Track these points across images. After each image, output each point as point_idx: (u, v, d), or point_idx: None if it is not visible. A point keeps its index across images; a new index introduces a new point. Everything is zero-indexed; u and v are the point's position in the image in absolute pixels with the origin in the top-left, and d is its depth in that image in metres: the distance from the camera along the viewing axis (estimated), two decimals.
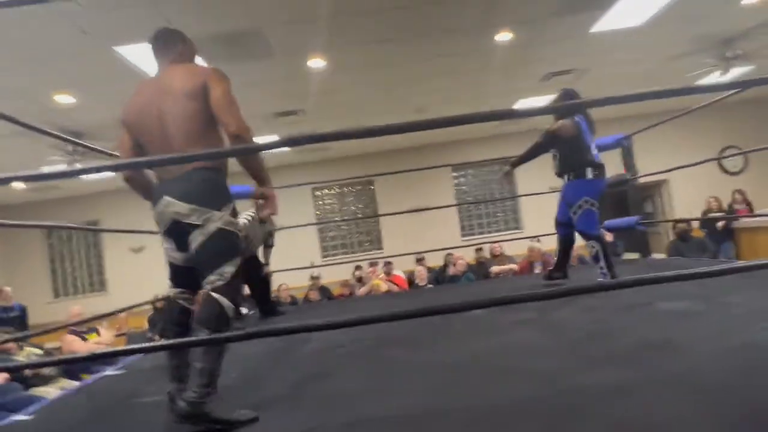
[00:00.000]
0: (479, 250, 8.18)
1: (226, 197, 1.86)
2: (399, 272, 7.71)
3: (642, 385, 1.57)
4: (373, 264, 7.02)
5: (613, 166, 4.49)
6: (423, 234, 9.32)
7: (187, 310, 1.91)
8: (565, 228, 3.67)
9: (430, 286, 6.92)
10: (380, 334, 2.79)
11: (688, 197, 9.65)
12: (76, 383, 3.77)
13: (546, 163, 4.38)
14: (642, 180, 5.41)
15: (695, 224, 8.28)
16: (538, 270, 6.91)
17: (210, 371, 1.69)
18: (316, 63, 4.86)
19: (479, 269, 7.67)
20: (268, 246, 4.70)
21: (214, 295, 1.74)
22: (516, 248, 7.88)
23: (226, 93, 1.81)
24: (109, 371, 3.00)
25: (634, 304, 2.81)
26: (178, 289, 1.93)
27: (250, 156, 1.91)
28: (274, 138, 4.52)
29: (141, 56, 4.18)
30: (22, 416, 2.16)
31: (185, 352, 1.83)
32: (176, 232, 1.84)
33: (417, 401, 1.74)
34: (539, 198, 8.52)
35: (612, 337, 2.24)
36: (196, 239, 1.79)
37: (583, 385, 1.66)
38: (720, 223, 8.19)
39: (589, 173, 3.44)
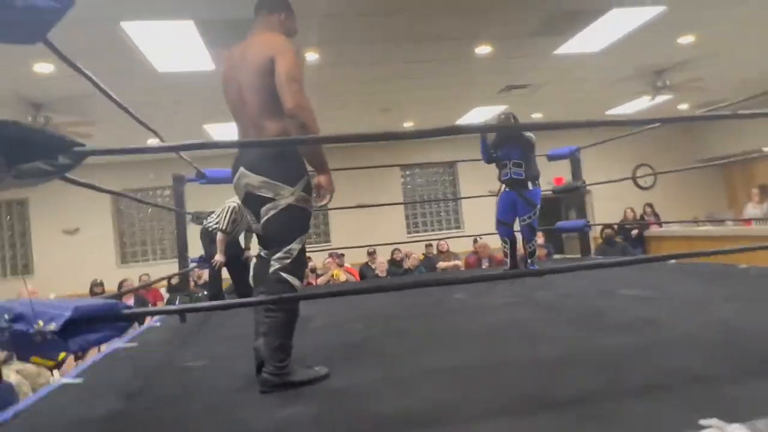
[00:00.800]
0: (429, 246, 8.66)
1: (300, 172, 1.83)
2: (348, 265, 8.01)
3: (652, 346, 1.99)
4: (332, 254, 7.22)
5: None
6: (370, 229, 9.64)
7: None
8: (508, 228, 4.18)
9: (388, 277, 7.27)
10: (384, 313, 3.11)
11: (606, 207, 10.76)
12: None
13: (485, 169, 4.88)
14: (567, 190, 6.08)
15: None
16: (485, 265, 7.50)
17: (283, 346, 1.75)
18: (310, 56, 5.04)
19: (428, 264, 8.13)
20: (252, 231, 4.80)
21: (284, 274, 1.76)
22: (457, 246, 8.47)
23: (288, 69, 1.75)
24: (120, 343, 3.03)
25: (602, 290, 3.33)
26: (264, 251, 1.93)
27: (306, 125, 1.77)
28: None
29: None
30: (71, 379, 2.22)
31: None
32: (252, 203, 1.86)
33: (469, 356, 2.06)
34: (478, 200, 9.28)
35: (603, 314, 2.68)
36: (267, 213, 1.79)
37: (605, 345, 2.05)
38: (634, 231, 9.32)
39: (540, 184, 4.09)
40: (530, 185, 4.01)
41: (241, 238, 4.78)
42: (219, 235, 4.39)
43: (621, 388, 1.56)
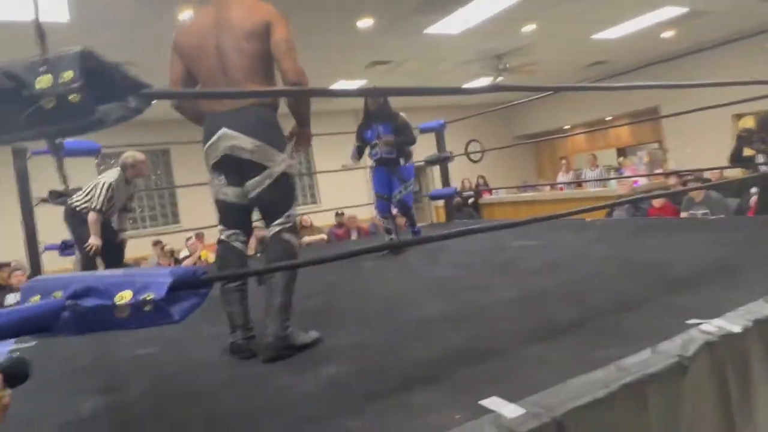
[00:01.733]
0: None
1: (284, 139, 1.85)
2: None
3: (577, 281, 2.41)
4: (198, 235, 6.73)
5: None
6: None
7: (243, 253, 1.88)
8: (386, 202, 4.06)
9: (259, 254, 7.04)
10: (324, 282, 3.13)
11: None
12: None
13: (339, 144, 5.03)
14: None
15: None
16: (354, 236, 7.75)
17: (287, 305, 1.75)
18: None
19: None
20: (128, 210, 4.28)
21: (286, 235, 1.79)
22: (316, 221, 8.57)
23: (287, 37, 1.77)
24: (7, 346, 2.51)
25: (498, 246, 3.79)
26: (231, 231, 1.87)
27: (303, 100, 1.90)
28: None
29: None
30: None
31: (246, 298, 1.82)
32: (228, 165, 1.79)
33: (433, 309, 2.24)
34: (333, 175, 9.48)
35: (515, 263, 3.09)
36: (261, 182, 1.76)
37: (540, 285, 2.42)
38: (471, 200, 10.49)
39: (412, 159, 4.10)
40: (402, 161, 3.97)
41: (114, 220, 4.23)
42: (92, 215, 3.83)
43: (584, 314, 1.87)
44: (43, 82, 0.92)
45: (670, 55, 6.43)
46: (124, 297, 1.02)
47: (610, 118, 10.91)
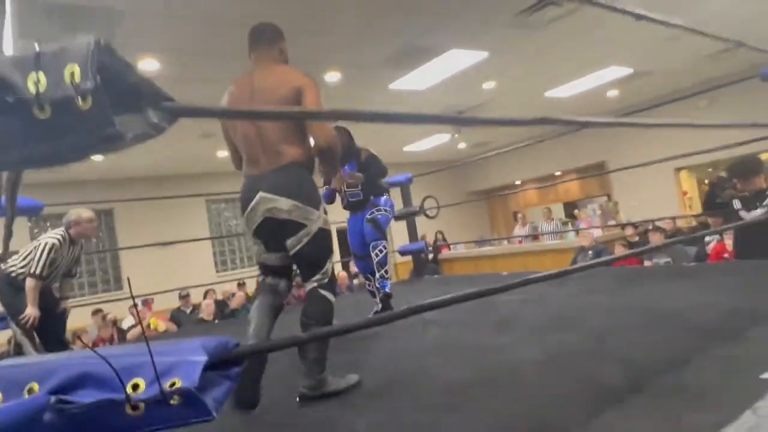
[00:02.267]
0: (242, 284, 8.08)
1: (318, 194, 1.92)
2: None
3: (598, 336, 2.23)
4: (147, 301, 6.13)
5: None
6: (173, 270, 8.56)
7: (282, 298, 2.00)
8: (365, 261, 3.42)
9: (217, 321, 6.48)
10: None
11: (402, 234, 11.74)
12: None
13: None
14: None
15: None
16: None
17: (322, 359, 1.80)
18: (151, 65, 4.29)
19: (249, 302, 7.58)
20: (72, 275, 3.79)
21: (322, 291, 1.85)
22: None
23: (317, 102, 1.84)
24: None
25: (487, 301, 3.60)
26: (270, 277, 1.98)
27: (334, 157, 1.97)
28: None
29: None
30: None
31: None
32: (268, 228, 1.86)
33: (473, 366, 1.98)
34: None
35: (516, 319, 2.90)
36: (300, 240, 1.83)
37: (560, 342, 2.22)
38: (431, 255, 10.37)
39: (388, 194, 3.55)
40: (372, 198, 3.33)
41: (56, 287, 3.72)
42: (30, 282, 3.34)
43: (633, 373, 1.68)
44: (40, 82, 0.66)
45: (614, 114, 6.83)
46: (139, 386, 0.72)
47: (559, 173, 11.32)
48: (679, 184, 9.22)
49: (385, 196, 3.43)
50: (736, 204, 3.53)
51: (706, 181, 9.85)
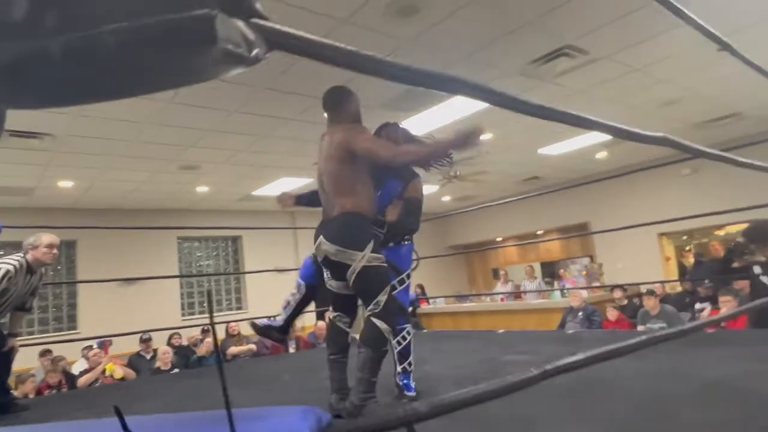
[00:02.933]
0: (206, 330, 7.49)
1: (366, 237, 2.14)
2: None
3: (651, 399, 1.93)
4: (105, 342, 5.52)
5: None
6: (135, 310, 7.92)
7: (344, 332, 2.30)
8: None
9: (177, 370, 5.86)
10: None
11: None
12: None
13: (271, 243, 4.08)
14: None
15: None
16: (292, 348, 6.83)
17: (367, 381, 2.01)
18: None
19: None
20: (26, 309, 3.30)
21: (373, 319, 2.04)
22: (244, 329, 7.56)
23: (367, 141, 2.16)
24: None
25: (486, 359, 3.27)
26: (336, 314, 2.31)
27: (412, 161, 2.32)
28: None
29: None
30: None
31: (344, 368, 2.24)
32: (328, 264, 2.22)
33: None
34: (263, 278, 8.67)
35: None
36: (349, 277, 2.11)
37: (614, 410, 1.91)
38: (410, 309, 9.97)
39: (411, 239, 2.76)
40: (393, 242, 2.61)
41: (5, 320, 3.22)
42: None
43: None
44: None
45: (599, 176, 6.83)
46: None
47: (542, 232, 11.26)
48: (663, 249, 9.22)
49: (408, 243, 2.58)
50: (756, 269, 3.39)
51: (688, 248, 9.93)
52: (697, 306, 6.54)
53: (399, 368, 2.51)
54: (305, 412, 0.60)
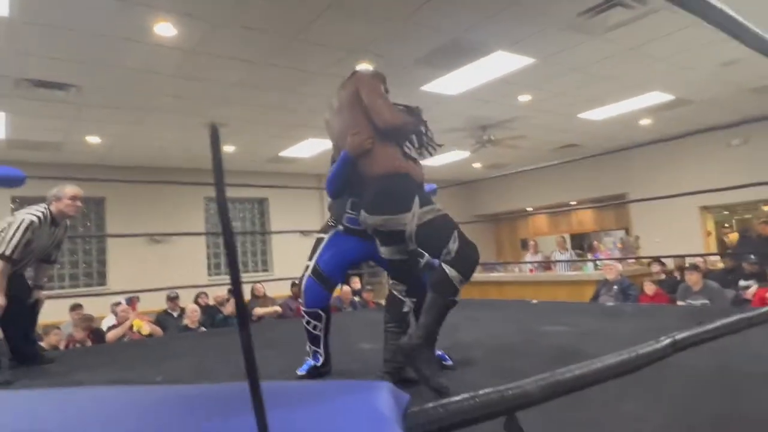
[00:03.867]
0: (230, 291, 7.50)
1: (409, 195, 1.95)
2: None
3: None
4: (132, 299, 5.52)
5: None
6: (163, 268, 7.95)
7: (400, 301, 2.09)
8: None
9: (203, 329, 5.86)
10: None
11: None
12: None
13: (296, 207, 3.68)
14: None
15: None
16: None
17: (428, 326, 1.84)
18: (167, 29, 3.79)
19: None
20: (50, 261, 3.22)
21: (444, 266, 1.87)
22: (268, 290, 7.51)
23: (370, 93, 2.00)
24: None
25: (530, 330, 3.08)
26: (392, 281, 2.15)
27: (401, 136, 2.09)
28: None
29: None
30: None
31: (398, 339, 1.95)
32: (382, 235, 2.05)
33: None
34: (289, 241, 8.60)
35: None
36: (409, 240, 1.96)
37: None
38: None
39: None
40: None
41: (30, 272, 3.16)
42: None
43: None
44: None
45: (639, 144, 6.40)
46: None
47: (574, 203, 10.87)
48: (704, 223, 8.78)
49: None
50: None
51: (727, 225, 9.46)
52: (742, 283, 6.21)
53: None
54: (380, 390, 0.42)
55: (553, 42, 4.50)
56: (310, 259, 2.35)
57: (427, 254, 2.13)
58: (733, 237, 9.13)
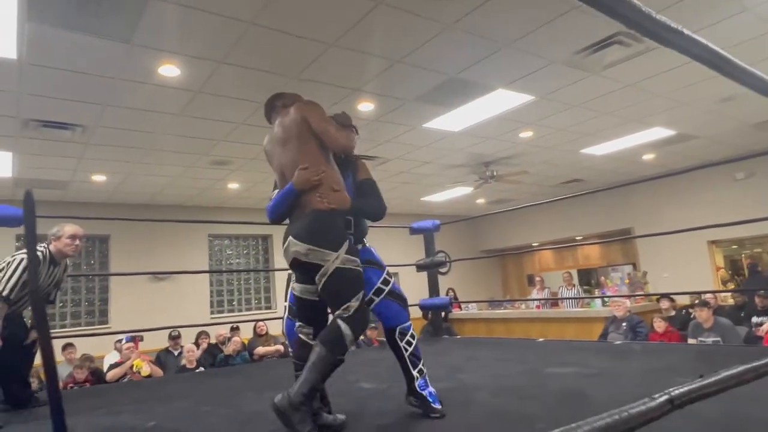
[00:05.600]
0: (235, 328, 7.40)
1: (341, 237, 1.94)
2: None
3: None
4: (135, 338, 5.45)
5: None
6: (165, 306, 7.90)
7: (308, 344, 1.95)
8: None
9: (202, 369, 5.76)
10: None
11: (416, 290, 11.08)
12: None
13: None
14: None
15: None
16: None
17: (313, 383, 1.77)
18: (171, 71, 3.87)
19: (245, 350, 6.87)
20: (48, 301, 3.19)
21: (338, 321, 1.84)
22: (272, 328, 7.40)
23: (320, 120, 1.98)
24: None
25: (536, 373, 2.99)
26: (299, 323, 2.05)
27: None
28: None
29: None
30: None
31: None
32: (296, 266, 2.00)
33: None
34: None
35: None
36: (320, 280, 1.89)
37: None
38: (443, 314, 9.68)
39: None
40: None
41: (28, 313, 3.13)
42: None
43: None
44: None
45: (644, 178, 6.41)
46: None
47: (580, 238, 10.79)
48: (713, 257, 8.65)
49: (368, 246, 2.35)
50: None
51: (740, 257, 9.31)
52: (755, 320, 6.06)
53: (415, 372, 2.11)
54: None
55: (553, 79, 4.55)
56: (286, 299, 2.33)
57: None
58: (722, 274, 8.99)
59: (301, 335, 2.01)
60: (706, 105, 5.51)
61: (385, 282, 2.21)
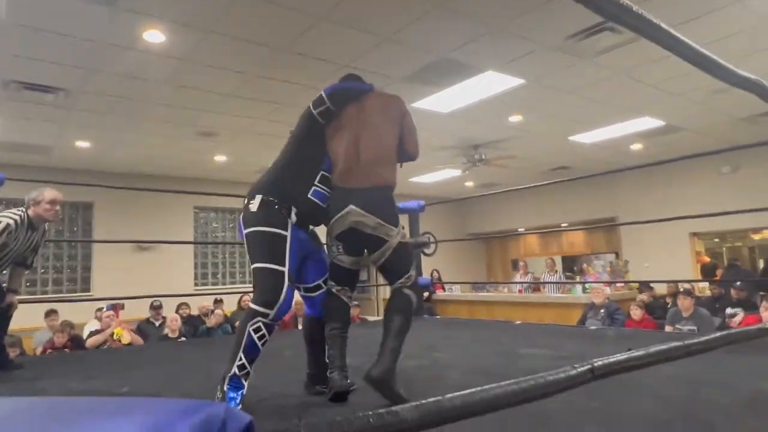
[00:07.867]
0: (218, 301, 7.41)
1: (397, 213, 2.09)
2: None
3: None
4: (116, 306, 5.44)
5: None
6: (148, 276, 7.87)
7: (348, 306, 2.12)
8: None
9: (184, 339, 5.78)
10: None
11: None
12: None
13: None
14: None
15: None
16: (301, 325, 6.70)
17: (397, 350, 1.90)
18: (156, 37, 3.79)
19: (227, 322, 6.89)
20: (26, 265, 3.17)
21: (405, 290, 2.01)
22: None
23: (412, 123, 2.17)
24: None
25: (510, 354, 3.04)
26: (342, 287, 2.12)
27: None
28: None
29: None
30: None
31: (345, 344, 2.03)
32: (350, 237, 2.02)
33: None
34: None
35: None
36: (384, 253, 2.01)
37: None
38: (425, 294, 9.76)
39: None
40: None
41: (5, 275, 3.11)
42: None
43: None
44: None
45: (631, 167, 6.44)
46: None
47: (566, 224, 10.89)
48: (694, 249, 8.79)
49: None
50: None
51: (721, 250, 9.46)
52: (729, 311, 6.19)
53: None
54: (197, 409, 0.38)
55: (543, 63, 4.53)
56: (284, 264, 2.24)
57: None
58: (704, 259, 9.16)
59: (344, 297, 2.10)
60: (697, 96, 5.53)
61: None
